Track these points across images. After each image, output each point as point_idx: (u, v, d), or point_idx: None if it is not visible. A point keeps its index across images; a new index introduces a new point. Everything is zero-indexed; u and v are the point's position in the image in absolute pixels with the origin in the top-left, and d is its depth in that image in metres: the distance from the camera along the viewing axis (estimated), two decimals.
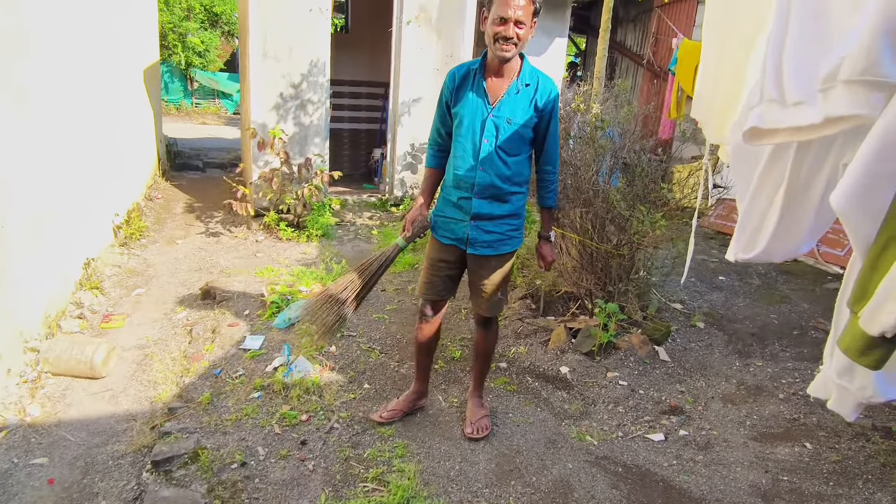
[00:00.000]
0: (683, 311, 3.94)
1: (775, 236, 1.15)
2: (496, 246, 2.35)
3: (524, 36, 2.10)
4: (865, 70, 0.80)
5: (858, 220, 0.82)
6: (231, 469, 2.26)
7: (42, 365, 2.98)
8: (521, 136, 2.24)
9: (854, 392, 1.14)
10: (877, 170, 0.78)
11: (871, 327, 0.79)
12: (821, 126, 0.90)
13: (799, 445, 2.63)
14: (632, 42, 9.23)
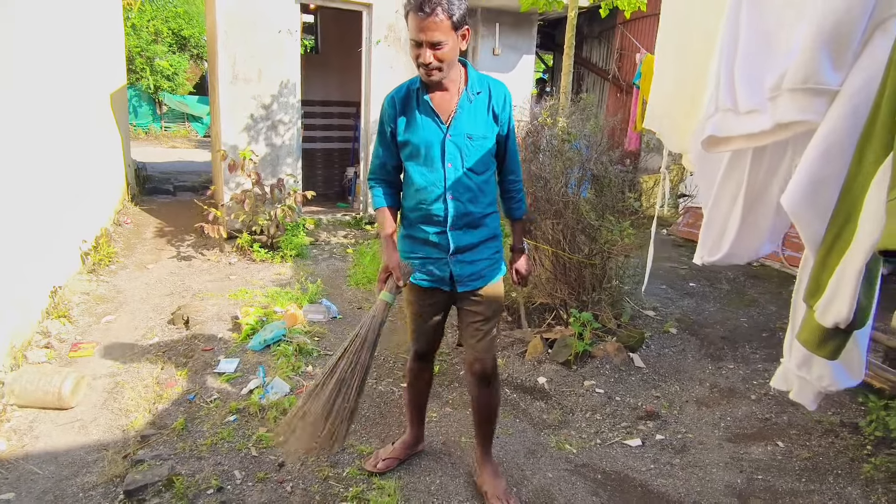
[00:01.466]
0: (656, 318, 4.01)
1: (738, 238, 1.20)
2: (485, 274, 2.08)
3: (447, 55, 1.81)
4: (807, 78, 0.85)
5: (808, 219, 0.86)
6: (207, 495, 2.22)
7: (7, 397, 2.89)
8: (485, 151, 1.99)
9: (813, 382, 1.19)
10: (822, 171, 0.83)
11: (825, 319, 0.83)
12: (771, 132, 0.95)
13: (772, 444, 2.69)
14: (597, 58, 9.46)
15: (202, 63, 17.19)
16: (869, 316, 0.82)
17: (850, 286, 0.76)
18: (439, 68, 1.83)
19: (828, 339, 0.85)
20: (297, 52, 5.90)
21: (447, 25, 1.76)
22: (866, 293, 0.78)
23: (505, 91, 2.03)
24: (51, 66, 4.25)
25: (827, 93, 0.85)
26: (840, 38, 0.79)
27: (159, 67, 15.35)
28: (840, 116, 0.81)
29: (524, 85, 7.58)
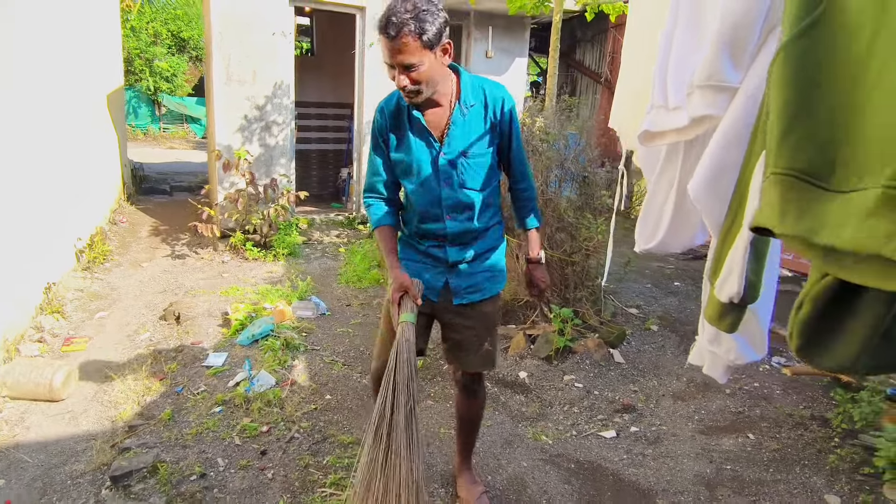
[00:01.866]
0: (639, 316, 4.09)
1: (671, 228, 1.27)
2: (484, 287, 1.94)
3: (423, 76, 1.63)
4: (710, 76, 0.93)
5: (710, 205, 0.94)
6: (190, 481, 2.29)
7: (0, 389, 2.96)
8: (485, 166, 1.83)
9: (722, 356, 1.27)
10: (722, 160, 0.90)
11: (721, 295, 0.90)
12: (690, 127, 1.03)
13: (742, 436, 2.76)
14: (590, 61, 9.54)
15: (200, 65, 17.29)
16: (759, 291, 0.89)
17: (739, 264, 0.84)
18: (418, 91, 1.67)
19: (726, 314, 0.92)
20: (291, 54, 5.99)
21: (417, 46, 1.58)
22: (754, 270, 0.86)
23: (503, 94, 1.83)
24: (47, 67, 4.34)
25: (728, 90, 0.92)
26: (738, 39, 0.87)
27: (158, 69, 15.45)
28: (738, 111, 0.88)
29: (517, 87, 7.66)
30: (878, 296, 0.65)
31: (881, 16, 0.53)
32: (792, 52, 0.62)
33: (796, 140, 0.62)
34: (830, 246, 0.57)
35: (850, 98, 0.57)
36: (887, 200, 0.53)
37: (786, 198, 0.63)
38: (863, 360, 0.70)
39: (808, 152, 0.61)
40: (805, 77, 0.61)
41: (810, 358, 0.73)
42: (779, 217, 0.64)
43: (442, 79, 1.72)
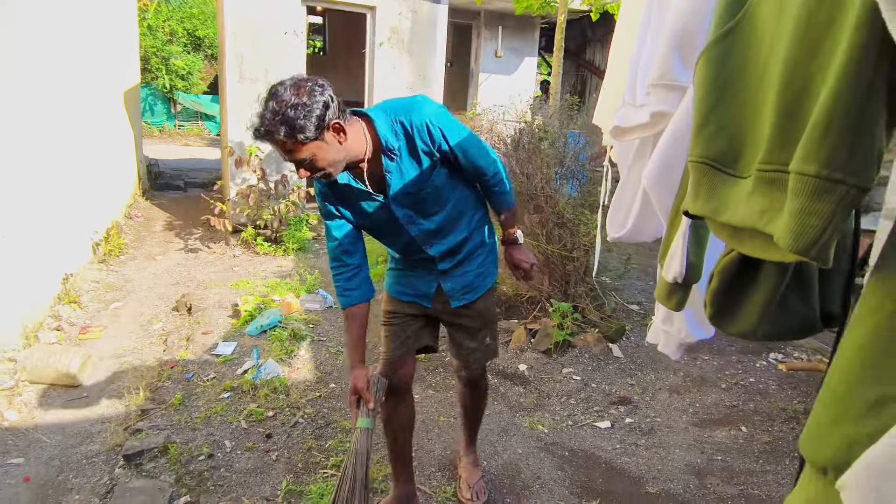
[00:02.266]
0: (640, 312, 4.14)
1: (639, 219, 1.35)
2: (476, 285, 1.93)
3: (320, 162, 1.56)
4: (663, 75, 1.00)
5: (661, 193, 1.02)
6: (198, 461, 2.41)
7: (20, 373, 3.10)
8: (439, 189, 1.76)
9: (674, 335, 1.34)
10: (671, 153, 0.98)
11: (667, 275, 0.98)
12: (650, 123, 1.11)
13: (735, 429, 2.82)
14: (600, 61, 9.57)
15: (216, 63, 17.52)
16: (700, 272, 0.97)
17: (680, 246, 0.92)
18: (326, 174, 1.61)
19: (672, 293, 1.00)
20: (302, 52, 6.10)
21: (296, 145, 1.51)
22: (695, 251, 0.93)
23: (416, 113, 1.66)
24: (66, 64, 4.48)
25: (679, 88, 1.00)
26: (687, 40, 0.95)
27: (174, 67, 15.68)
28: (687, 107, 0.96)
29: (526, 87, 7.73)
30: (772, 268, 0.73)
31: (776, 29, 0.61)
32: (712, 55, 0.70)
33: (710, 132, 0.70)
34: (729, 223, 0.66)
35: (754, 97, 0.65)
36: (759, 182, 0.61)
37: (698, 182, 0.71)
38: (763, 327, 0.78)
39: (719, 143, 0.69)
40: (721, 77, 0.69)
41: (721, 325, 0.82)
42: (692, 199, 0.72)
43: (350, 146, 1.61)
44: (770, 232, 0.58)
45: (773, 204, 0.58)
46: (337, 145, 1.58)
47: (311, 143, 1.51)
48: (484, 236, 1.96)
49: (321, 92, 1.51)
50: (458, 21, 7.38)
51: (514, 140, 3.49)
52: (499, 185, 1.88)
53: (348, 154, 1.63)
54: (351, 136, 1.62)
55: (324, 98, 1.51)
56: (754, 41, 0.65)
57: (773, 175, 0.60)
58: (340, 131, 1.57)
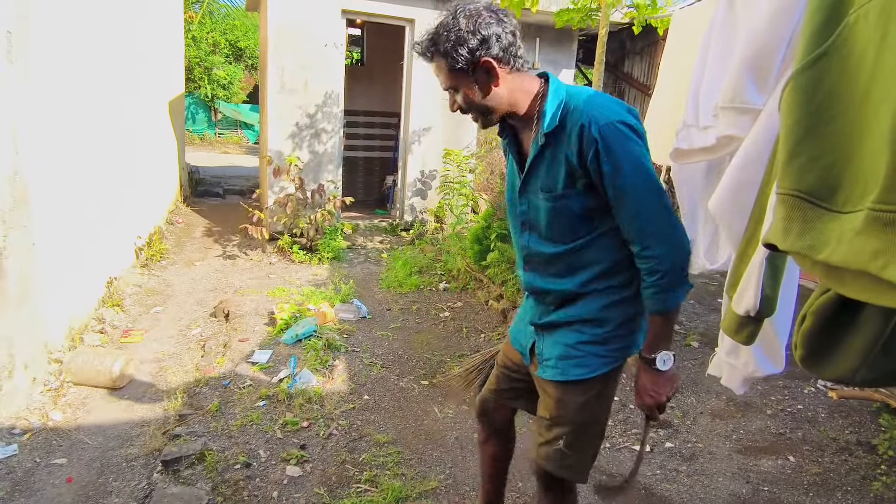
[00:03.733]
0: (679, 332, 4.03)
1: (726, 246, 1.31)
2: (563, 367, 1.50)
3: (465, 101, 1.43)
4: (734, 98, 0.96)
5: (729, 220, 0.97)
6: (234, 469, 2.42)
7: (65, 374, 3.18)
8: (569, 214, 1.42)
9: (740, 368, 1.28)
10: (741, 178, 0.93)
11: (738, 308, 0.93)
12: (717, 146, 1.07)
13: (782, 458, 2.70)
14: (639, 73, 9.45)
15: (255, 73, 17.95)
16: (774, 306, 0.91)
17: (755, 278, 0.87)
18: (471, 115, 1.48)
19: (743, 327, 0.95)
20: (341, 64, 6.19)
21: (446, 71, 1.41)
22: (771, 284, 0.88)
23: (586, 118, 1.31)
24: (119, 76, 4.64)
25: (751, 111, 0.96)
26: (761, 64, 0.91)
27: (216, 77, 16.13)
28: (759, 131, 0.91)
29: None
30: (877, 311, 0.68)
31: (880, 53, 0.57)
32: (802, 81, 0.66)
33: (802, 163, 0.66)
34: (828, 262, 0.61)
35: (852, 126, 0.61)
36: (872, 221, 0.57)
37: (790, 216, 0.67)
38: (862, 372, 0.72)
39: (812, 174, 0.64)
40: (812, 104, 0.65)
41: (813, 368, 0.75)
42: (782, 234, 0.67)
43: (499, 96, 1.42)
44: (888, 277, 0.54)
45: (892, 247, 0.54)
46: (483, 87, 1.40)
47: (458, 73, 1.38)
48: (598, 311, 1.46)
49: (492, 25, 1.35)
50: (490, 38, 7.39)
51: None
52: (653, 275, 1.33)
53: (496, 105, 1.43)
54: (506, 87, 1.41)
55: (488, 32, 1.35)
56: (850, 66, 0.61)
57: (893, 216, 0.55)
58: (491, 74, 1.38)
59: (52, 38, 3.31)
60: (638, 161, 1.28)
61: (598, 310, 1.45)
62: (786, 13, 0.86)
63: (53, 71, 3.33)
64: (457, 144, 6.64)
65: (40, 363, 3.11)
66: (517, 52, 1.38)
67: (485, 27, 1.34)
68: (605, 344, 1.45)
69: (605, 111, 1.30)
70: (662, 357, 1.37)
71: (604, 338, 1.45)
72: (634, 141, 1.28)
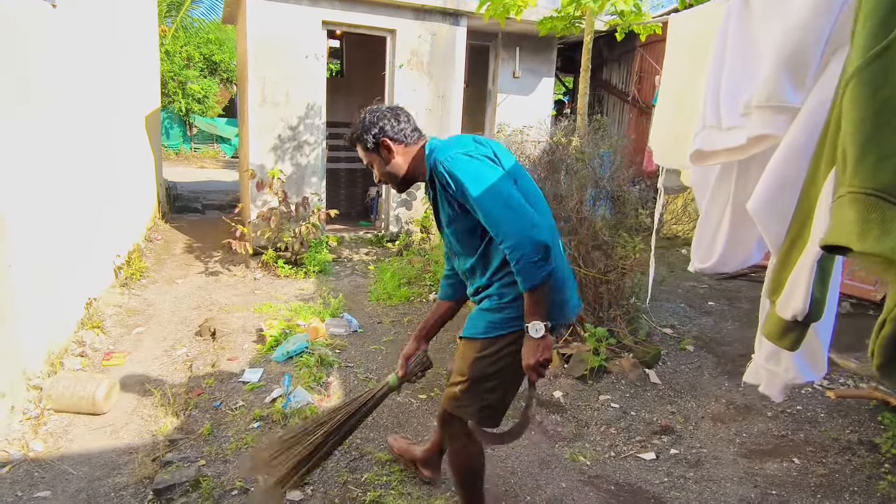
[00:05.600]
0: (673, 336, 4.03)
1: (727, 248, 1.27)
2: (467, 327, 1.90)
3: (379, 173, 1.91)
4: (770, 97, 0.94)
5: (769, 222, 0.94)
6: (232, 496, 2.31)
7: (45, 402, 3.03)
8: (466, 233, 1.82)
9: (780, 375, 1.25)
10: (782, 178, 0.91)
11: (784, 312, 0.90)
12: (747, 146, 1.04)
13: (787, 461, 2.69)
14: (617, 80, 9.56)
15: (231, 86, 17.77)
16: (823, 309, 0.88)
17: (804, 281, 0.84)
18: (387, 183, 1.95)
19: (788, 332, 0.91)
20: (323, 76, 6.12)
21: (363, 152, 1.92)
22: (820, 288, 0.85)
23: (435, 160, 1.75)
24: (90, 89, 4.51)
25: (789, 110, 0.93)
26: (798, 62, 0.88)
27: (191, 91, 15.90)
28: (799, 130, 0.89)
29: (543, 107, 7.71)
30: None
31: None
32: (866, 77, 0.63)
33: (874, 160, 0.62)
34: None
35: None
36: None
37: (866, 217, 0.63)
38: None
39: (886, 172, 0.61)
40: (877, 100, 0.62)
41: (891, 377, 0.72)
42: (858, 235, 0.64)
43: (396, 165, 1.89)
44: None
45: None
46: (386, 160, 1.89)
47: (368, 151, 1.90)
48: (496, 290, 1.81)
49: (386, 117, 1.86)
50: (476, 43, 7.39)
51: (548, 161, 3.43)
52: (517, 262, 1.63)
53: (396, 171, 1.90)
54: (401, 158, 1.89)
55: (384, 123, 1.86)
56: None
57: None
58: (388, 150, 1.87)
59: (22, 58, 3.19)
60: (475, 177, 1.67)
61: (496, 289, 1.82)
62: (825, 12, 0.84)
63: (26, 91, 3.20)
64: None
65: (18, 391, 2.96)
66: (407, 133, 1.88)
67: (382, 119, 1.86)
68: (498, 313, 1.80)
69: (446, 150, 1.75)
70: (535, 326, 1.67)
71: (498, 307, 1.81)
72: (470, 162, 1.69)
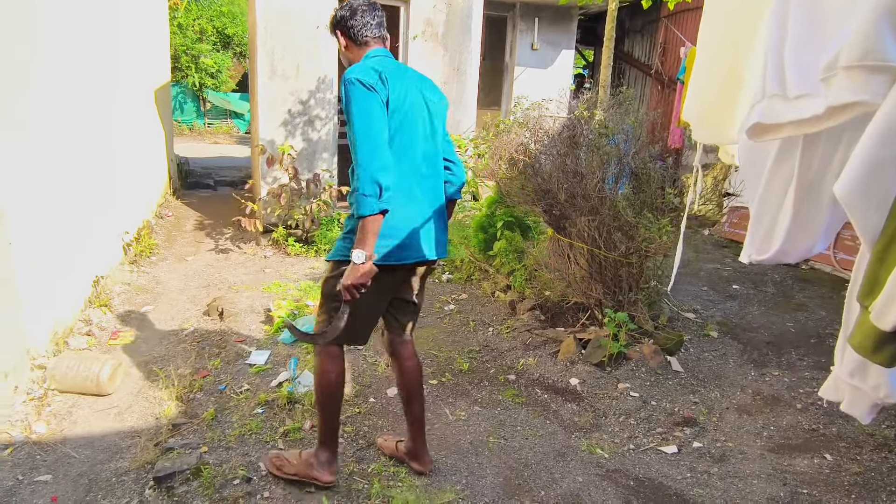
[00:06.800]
0: (696, 321, 3.86)
1: (790, 235, 1.10)
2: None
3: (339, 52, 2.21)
4: (865, 55, 0.76)
5: (864, 210, 0.78)
6: (233, 485, 2.23)
7: (49, 382, 2.97)
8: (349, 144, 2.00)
9: (868, 392, 1.09)
10: (880, 156, 0.74)
11: (882, 322, 0.74)
12: (824, 117, 0.87)
13: (819, 457, 2.54)
14: (639, 52, 9.22)
15: (245, 61, 17.55)
16: None
17: None
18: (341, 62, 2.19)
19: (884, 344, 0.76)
20: (334, 47, 5.92)
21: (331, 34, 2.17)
22: None
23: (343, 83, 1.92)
24: (97, 60, 4.37)
25: (889, 70, 0.76)
26: None
27: (204, 65, 15.73)
28: None
29: (562, 80, 7.44)
30: None
31: None
32: None
33: None
34: None
35: None
36: None
37: None
38: None
39: None
40: None
41: None
42: None
43: (346, 56, 2.15)
44: None
45: None
46: (341, 49, 2.15)
47: (335, 36, 2.14)
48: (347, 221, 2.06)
49: (350, 11, 2.06)
50: (493, 13, 7.12)
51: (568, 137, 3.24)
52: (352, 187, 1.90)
53: (344, 62, 2.16)
54: (350, 53, 2.13)
55: (345, 13, 2.07)
56: None
57: None
58: (340, 41, 2.12)
59: (21, 26, 3.06)
60: (356, 104, 1.88)
61: (348, 218, 2.05)
62: None
63: (20, 61, 3.07)
64: (455, 129, 6.41)
65: (22, 371, 2.90)
66: (357, 32, 2.07)
67: (346, 11, 2.08)
68: (341, 240, 2.07)
69: (351, 71, 1.92)
70: (357, 253, 1.85)
71: (343, 235, 2.07)
72: (359, 90, 1.88)
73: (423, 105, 2.06)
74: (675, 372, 3.22)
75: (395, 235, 1.98)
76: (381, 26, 2.11)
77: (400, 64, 2.12)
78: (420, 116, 2.04)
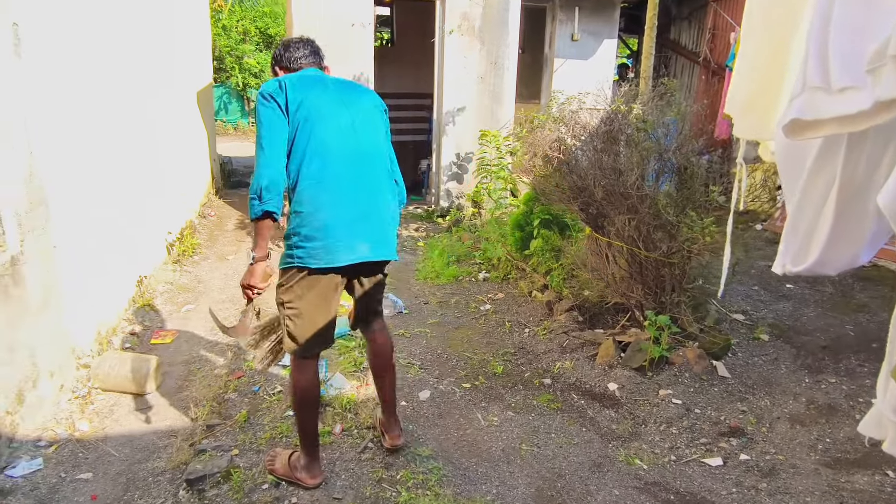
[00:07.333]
0: (745, 323, 3.66)
1: (829, 244, 0.98)
2: None
3: None
4: None
5: None
6: (262, 490, 2.23)
7: (92, 381, 3.06)
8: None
9: None
10: None
11: None
12: (872, 113, 0.75)
13: (880, 473, 2.35)
14: (686, 40, 8.86)
15: None
16: None
17: None
18: None
19: None
20: (370, 45, 5.91)
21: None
22: None
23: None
24: (144, 69, 4.48)
25: None
26: None
27: (247, 65, 16.06)
28: None
29: (605, 72, 7.20)
30: None
31: None
32: None
33: None
34: None
35: None
36: None
37: None
38: None
39: None
40: None
41: None
42: None
43: None
44: None
45: None
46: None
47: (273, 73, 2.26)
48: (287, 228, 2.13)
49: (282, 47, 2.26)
50: (531, 4, 6.95)
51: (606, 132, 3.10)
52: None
53: None
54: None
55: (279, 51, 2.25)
56: None
57: None
58: (281, 71, 2.25)
59: (67, 29, 3.14)
60: (260, 116, 2.01)
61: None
62: None
63: (70, 63, 3.16)
64: (494, 124, 6.31)
65: (68, 370, 3.00)
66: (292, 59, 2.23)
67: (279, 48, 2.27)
68: (286, 249, 2.12)
69: (264, 86, 2.05)
70: (251, 254, 2.09)
71: (286, 244, 2.12)
72: (261, 103, 2.01)
73: (337, 105, 2.09)
74: (722, 378, 3.06)
75: (319, 237, 2.02)
76: (315, 54, 2.27)
77: (319, 76, 2.19)
78: (332, 115, 2.06)
